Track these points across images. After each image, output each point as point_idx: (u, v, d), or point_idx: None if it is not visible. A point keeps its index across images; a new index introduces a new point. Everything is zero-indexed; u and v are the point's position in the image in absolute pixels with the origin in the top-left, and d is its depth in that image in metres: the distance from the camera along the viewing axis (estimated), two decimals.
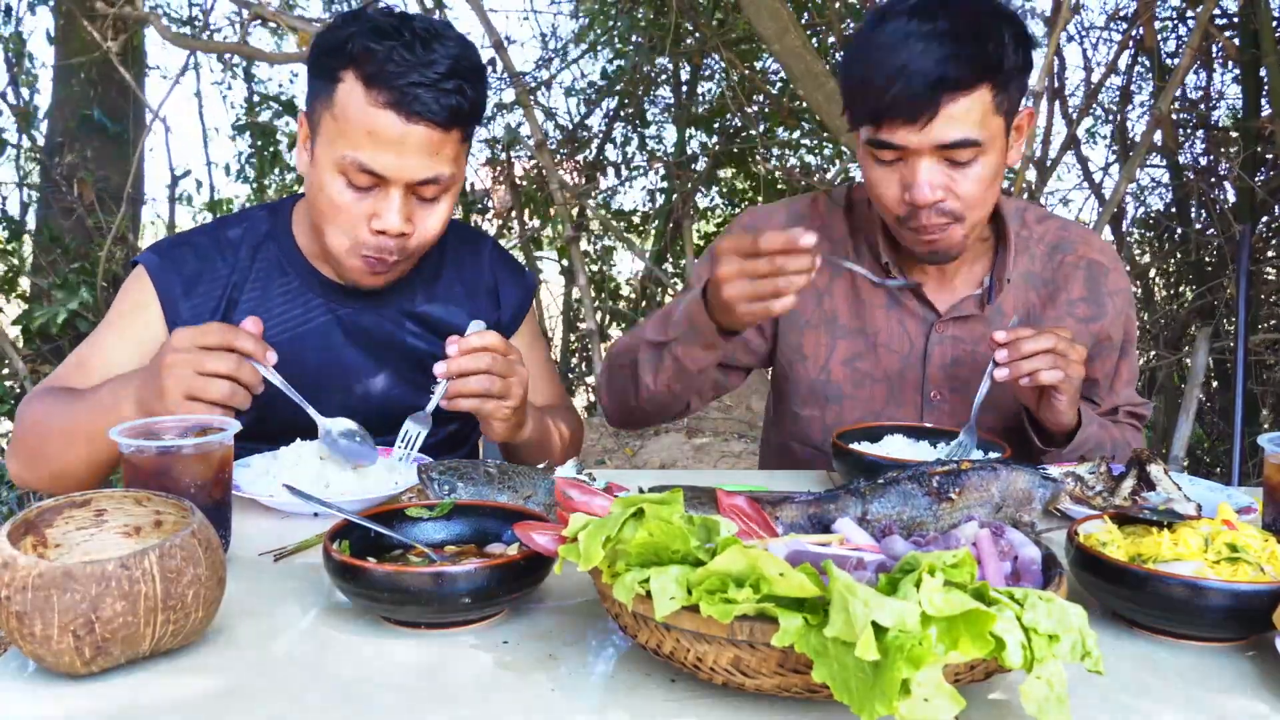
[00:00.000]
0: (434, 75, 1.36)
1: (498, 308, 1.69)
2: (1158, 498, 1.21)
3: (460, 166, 1.46)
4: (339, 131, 1.39)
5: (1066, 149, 4.50)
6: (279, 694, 0.84)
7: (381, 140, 1.37)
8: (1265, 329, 4.23)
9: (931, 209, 1.45)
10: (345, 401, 1.57)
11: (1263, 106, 3.90)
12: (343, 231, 1.44)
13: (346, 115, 1.38)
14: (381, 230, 1.41)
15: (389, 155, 1.37)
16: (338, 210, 1.43)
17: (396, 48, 1.36)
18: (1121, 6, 4.62)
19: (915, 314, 1.64)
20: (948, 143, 1.40)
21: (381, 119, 1.36)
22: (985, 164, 1.44)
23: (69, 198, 4.39)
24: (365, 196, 1.41)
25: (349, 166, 1.39)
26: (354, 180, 1.40)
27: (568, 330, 5.83)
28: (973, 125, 1.40)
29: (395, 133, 1.36)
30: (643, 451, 4.26)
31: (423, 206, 1.44)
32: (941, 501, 1.05)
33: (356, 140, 1.38)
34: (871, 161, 1.48)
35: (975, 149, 1.42)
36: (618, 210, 5.66)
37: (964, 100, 1.38)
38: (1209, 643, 0.95)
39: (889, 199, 1.48)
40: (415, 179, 1.40)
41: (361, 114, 1.37)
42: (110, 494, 0.98)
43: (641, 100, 5.36)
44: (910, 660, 0.68)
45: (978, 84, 1.38)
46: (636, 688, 0.85)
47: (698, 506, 1.06)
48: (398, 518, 1.07)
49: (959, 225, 1.48)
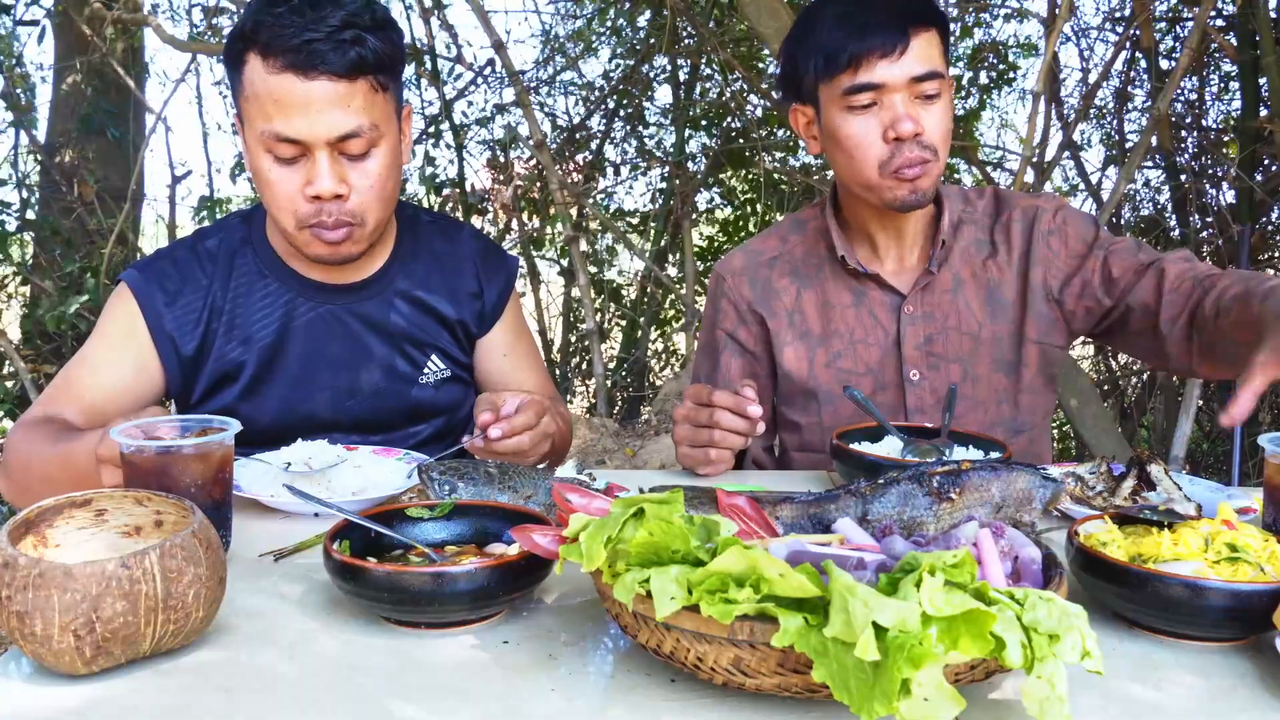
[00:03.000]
0: (327, 29, 1.36)
1: (480, 299, 1.70)
2: (1158, 498, 1.22)
3: (383, 116, 1.44)
4: (254, 111, 1.39)
5: (1064, 150, 4.51)
6: (279, 694, 0.84)
7: (287, 105, 1.37)
8: None
9: (914, 142, 1.53)
10: (335, 398, 1.59)
11: (1261, 107, 3.91)
12: (285, 210, 1.44)
13: (255, 92, 1.38)
14: (316, 195, 1.41)
15: (299, 118, 1.37)
16: (273, 189, 1.43)
17: (284, 13, 1.37)
18: (1118, 7, 4.63)
19: (882, 302, 1.70)
20: (920, 74, 1.52)
21: (283, 84, 1.36)
22: (946, 104, 1.57)
23: (69, 198, 4.39)
24: (294, 168, 1.41)
25: (269, 141, 1.39)
26: (278, 154, 1.40)
27: (567, 330, 5.83)
28: (936, 59, 1.54)
29: (298, 93, 1.36)
30: (643, 451, 4.26)
31: (354, 165, 1.43)
32: (941, 501, 1.05)
33: (267, 112, 1.38)
34: (848, 116, 1.56)
35: (940, 82, 1.54)
36: (618, 210, 5.66)
37: (925, 35, 1.53)
38: (1209, 643, 0.95)
39: (870, 146, 1.55)
40: (333, 136, 1.39)
41: (264, 85, 1.37)
42: (110, 494, 0.98)
43: (641, 100, 5.36)
44: (910, 660, 0.68)
45: (932, 24, 1.54)
46: (636, 688, 0.85)
47: (698, 506, 1.06)
48: (398, 518, 1.07)
49: (935, 163, 1.57)
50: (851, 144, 1.57)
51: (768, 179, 5.01)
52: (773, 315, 1.74)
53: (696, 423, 1.50)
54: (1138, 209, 4.96)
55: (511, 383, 1.73)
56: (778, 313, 1.73)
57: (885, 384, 1.70)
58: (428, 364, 1.65)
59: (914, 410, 1.68)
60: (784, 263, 1.76)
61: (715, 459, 1.50)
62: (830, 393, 1.71)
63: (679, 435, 1.53)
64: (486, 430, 1.35)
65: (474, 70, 5.00)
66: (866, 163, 1.56)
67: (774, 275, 1.75)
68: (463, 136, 5.13)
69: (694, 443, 1.51)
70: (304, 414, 1.57)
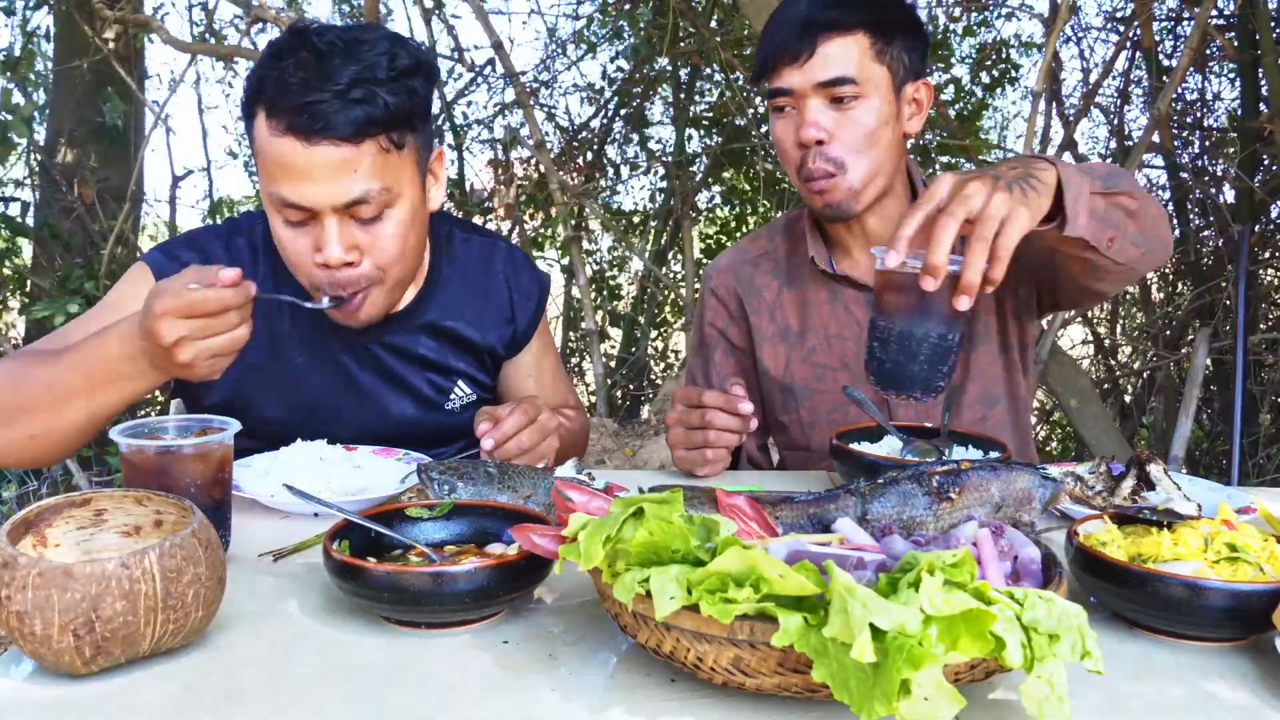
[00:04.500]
0: (332, 90, 1.26)
1: (512, 323, 1.67)
2: (1157, 497, 1.22)
3: (397, 176, 1.34)
4: (262, 170, 1.33)
5: (1064, 150, 4.51)
6: (279, 694, 0.84)
7: (291, 170, 1.28)
8: (1264, 329, 4.24)
9: (817, 153, 1.56)
10: (364, 423, 1.56)
11: (1261, 107, 3.90)
12: (301, 273, 1.39)
13: (262, 151, 1.31)
14: (325, 263, 1.33)
15: (303, 185, 1.28)
16: (286, 250, 1.37)
17: (291, 67, 1.28)
18: (1119, 7, 4.63)
19: (855, 298, 1.73)
20: (826, 79, 1.53)
21: (284, 147, 1.28)
22: (867, 109, 1.55)
23: (69, 198, 4.39)
24: (304, 231, 1.34)
25: (275, 204, 1.33)
26: (287, 217, 1.33)
27: (568, 330, 5.83)
28: (849, 64, 1.53)
29: (300, 159, 1.27)
30: (642, 451, 4.26)
31: (366, 229, 1.34)
32: (941, 501, 1.05)
33: (273, 175, 1.30)
34: (774, 120, 1.61)
35: (854, 88, 1.54)
36: (618, 210, 5.66)
37: (839, 40, 1.53)
38: (1209, 643, 0.95)
39: (787, 149, 1.60)
40: (338, 203, 1.30)
41: (269, 146, 1.29)
42: (110, 494, 0.98)
43: (641, 100, 5.36)
44: (910, 661, 0.68)
45: (853, 28, 1.53)
46: (636, 688, 0.85)
47: (698, 506, 1.06)
48: (398, 518, 1.07)
49: (843, 176, 1.57)
50: (777, 148, 1.63)
51: (769, 179, 5.02)
52: (755, 312, 1.77)
53: (689, 425, 1.51)
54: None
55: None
56: (759, 310, 1.77)
57: (861, 377, 1.71)
58: (454, 390, 1.63)
59: (896, 404, 1.69)
60: (768, 261, 1.79)
61: (712, 459, 1.51)
62: (806, 388, 1.73)
63: (673, 439, 1.53)
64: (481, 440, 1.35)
65: (474, 70, 5.00)
66: (790, 167, 1.62)
67: (757, 273, 1.78)
68: (463, 137, 5.13)
69: (689, 445, 1.51)
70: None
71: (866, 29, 1.54)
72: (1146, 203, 1.37)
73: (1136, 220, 1.35)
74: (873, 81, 1.55)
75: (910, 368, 1.16)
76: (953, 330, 1.17)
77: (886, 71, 1.57)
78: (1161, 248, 1.43)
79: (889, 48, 1.56)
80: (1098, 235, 1.28)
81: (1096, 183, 1.27)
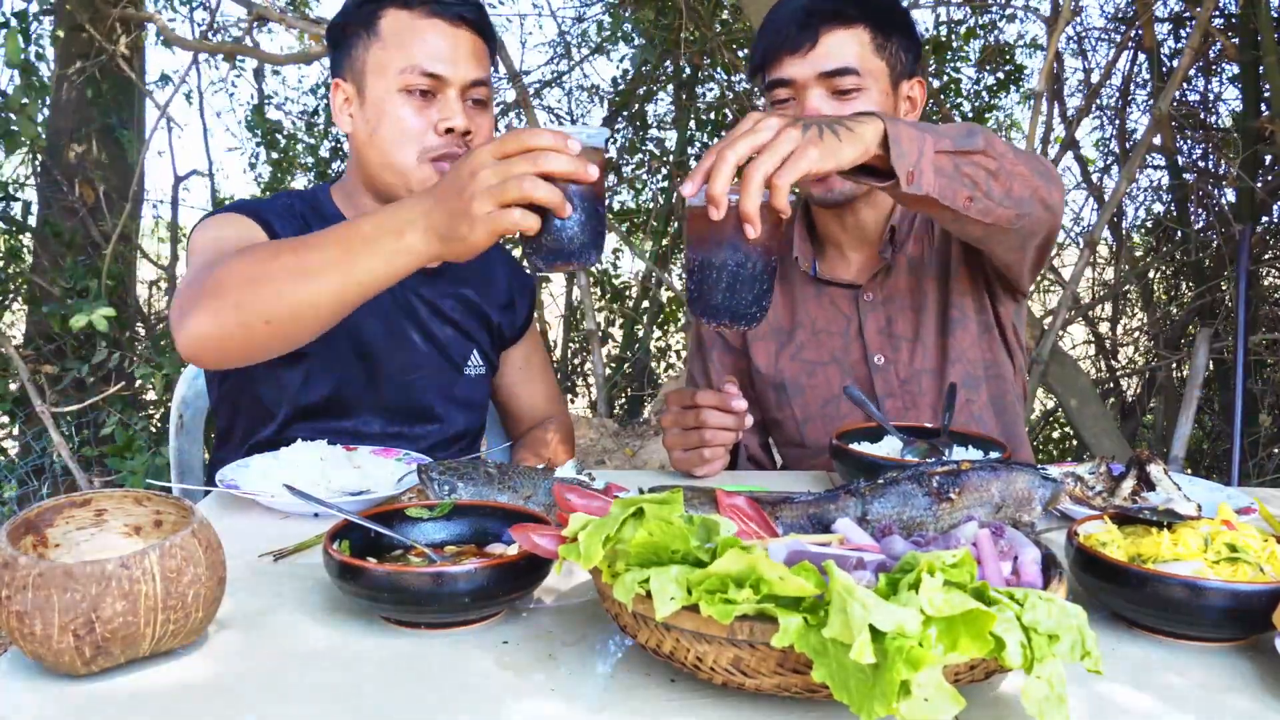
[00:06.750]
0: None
1: (513, 310, 1.78)
2: (1157, 498, 1.21)
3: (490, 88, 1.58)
4: (394, 55, 1.52)
5: (1066, 150, 4.51)
6: (279, 694, 0.84)
7: (435, 44, 1.52)
8: (1265, 329, 4.24)
9: None
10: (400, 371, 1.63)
11: (1262, 107, 3.90)
12: (412, 143, 1.52)
13: (399, 39, 1.52)
14: (450, 129, 1.52)
15: (445, 59, 1.52)
16: (404, 129, 1.52)
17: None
18: (1121, 8, 4.63)
19: (842, 293, 1.74)
20: (828, 70, 1.55)
21: (433, 28, 1.53)
22: (867, 101, 1.56)
23: (70, 198, 4.39)
24: (427, 107, 1.52)
25: (410, 77, 1.51)
26: (419, 87, 1.51)
27: (568, 330, 5.83)
28: (851, 56, 1.55)
29: (447, 36, 1.53)
30: (642, 451, 4.26)
31: (476, 112, 1.56)
32: (941, 502, 1.05)
33: (412, 53, 1.51)
34: (773, 112, 1.58)
35: (856, 79, 1.55)
36: (619, 210, 5.66)
37: (842, 33, 1.55)
38: (1209, 643, 0.95)
39: None
40: (468, 79, 1.53)
41: (412, 31, 1.52)
42: (110, 494, 0.98)
43: (643, 101, 5.36)
44: (910, 661, 0.68)
45: (855, 21, 1.55)
46: (636, 688, 0.85)
47: (698, 506, 1.06)
48: (398, 518, 1.07)
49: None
50: None
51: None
52: None
53: (685, 426, 1.52)
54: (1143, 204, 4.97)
55: (523, 392, 1.81)
56: None
57: (851, 370, 1.73)
58: (471, 356, 1.72)
59: (884, 395, 1.70)
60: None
61: (710, 458, 1.51)
62: (798, 384, 1.74)
63: (669, 441, 1.54)
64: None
65: None
66: None
67: None
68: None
69: (685, 445, 1.52)
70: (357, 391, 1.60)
71: (868, 23, 1.56)
72: (1013, 163, 1.33)
73: (999, 180, 1.31)
74: (873, 75, 1.57)
75: (716, 296, 1.15)
76: (751, 259, 1.14)
77: (885, 66, 1.59)
78: (1041, 208, 1.40)
79: (888, 43, 1.58)
80: (948, 194, 1.25)
81: (944, 140, 1.23)
